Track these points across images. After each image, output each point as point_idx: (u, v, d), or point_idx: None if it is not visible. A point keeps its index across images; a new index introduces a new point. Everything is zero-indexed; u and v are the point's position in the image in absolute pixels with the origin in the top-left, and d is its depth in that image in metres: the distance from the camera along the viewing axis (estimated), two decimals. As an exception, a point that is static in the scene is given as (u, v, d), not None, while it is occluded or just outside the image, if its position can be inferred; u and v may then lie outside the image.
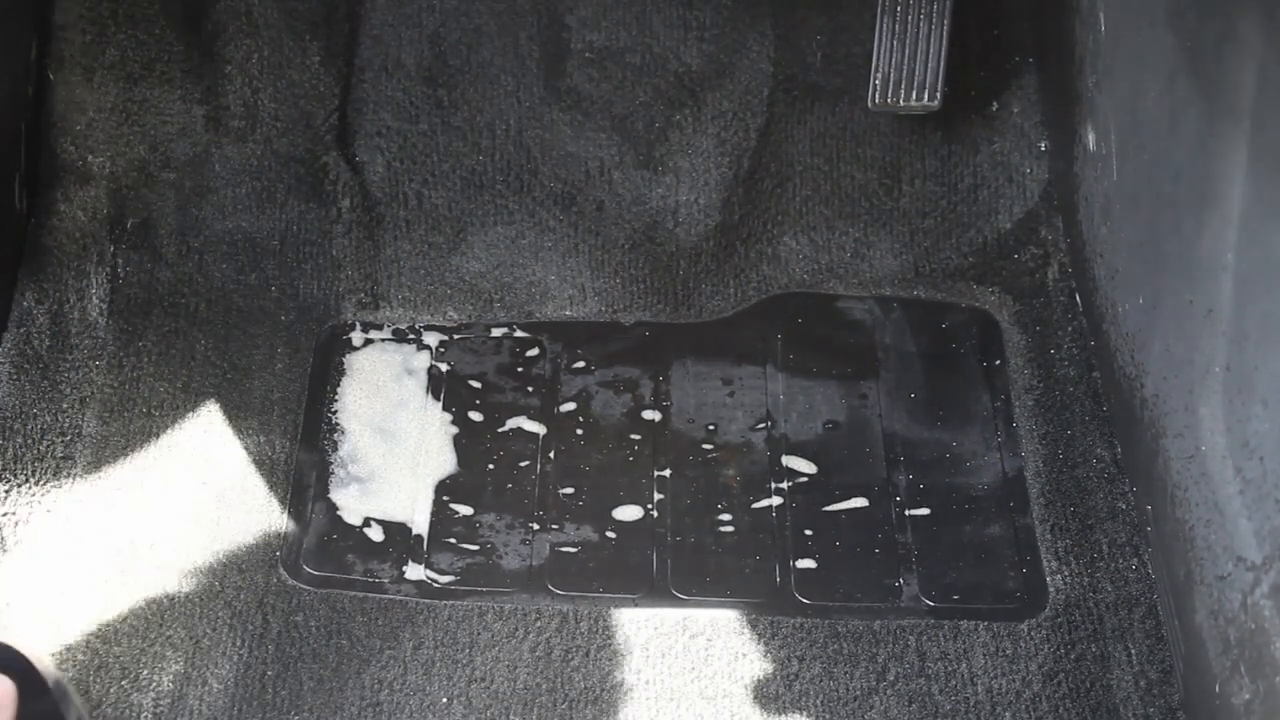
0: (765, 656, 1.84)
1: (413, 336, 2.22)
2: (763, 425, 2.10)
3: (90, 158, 2.32)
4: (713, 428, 2.10)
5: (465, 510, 2.01)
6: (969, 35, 2.38)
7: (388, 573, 1.94)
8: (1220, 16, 1.65)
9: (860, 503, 2.01)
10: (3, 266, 2.18)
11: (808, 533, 1.98)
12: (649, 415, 2.12)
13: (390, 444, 2.08)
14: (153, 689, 1.81)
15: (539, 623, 1.88)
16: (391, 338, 2.21)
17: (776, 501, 2.01)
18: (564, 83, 2.43)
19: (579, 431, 2.10)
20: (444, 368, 2.18)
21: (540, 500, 2.02)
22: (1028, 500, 2.00)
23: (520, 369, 2.18)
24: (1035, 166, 2.33)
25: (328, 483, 2.03)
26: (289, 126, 2.37)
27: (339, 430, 2.09)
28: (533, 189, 2.35)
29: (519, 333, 2.22)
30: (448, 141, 2.39)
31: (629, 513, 2.01)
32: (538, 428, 2.11)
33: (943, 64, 2.26)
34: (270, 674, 1.83)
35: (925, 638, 1.86)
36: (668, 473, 2.05)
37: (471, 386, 2.15)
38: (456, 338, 2.22)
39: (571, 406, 2.13)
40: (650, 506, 2.01)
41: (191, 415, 2.09)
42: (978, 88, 2.38)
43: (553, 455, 2.07)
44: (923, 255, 2.29)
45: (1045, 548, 1.94)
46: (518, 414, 2.12)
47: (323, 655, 1.85)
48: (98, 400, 2.09)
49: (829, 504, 2.01)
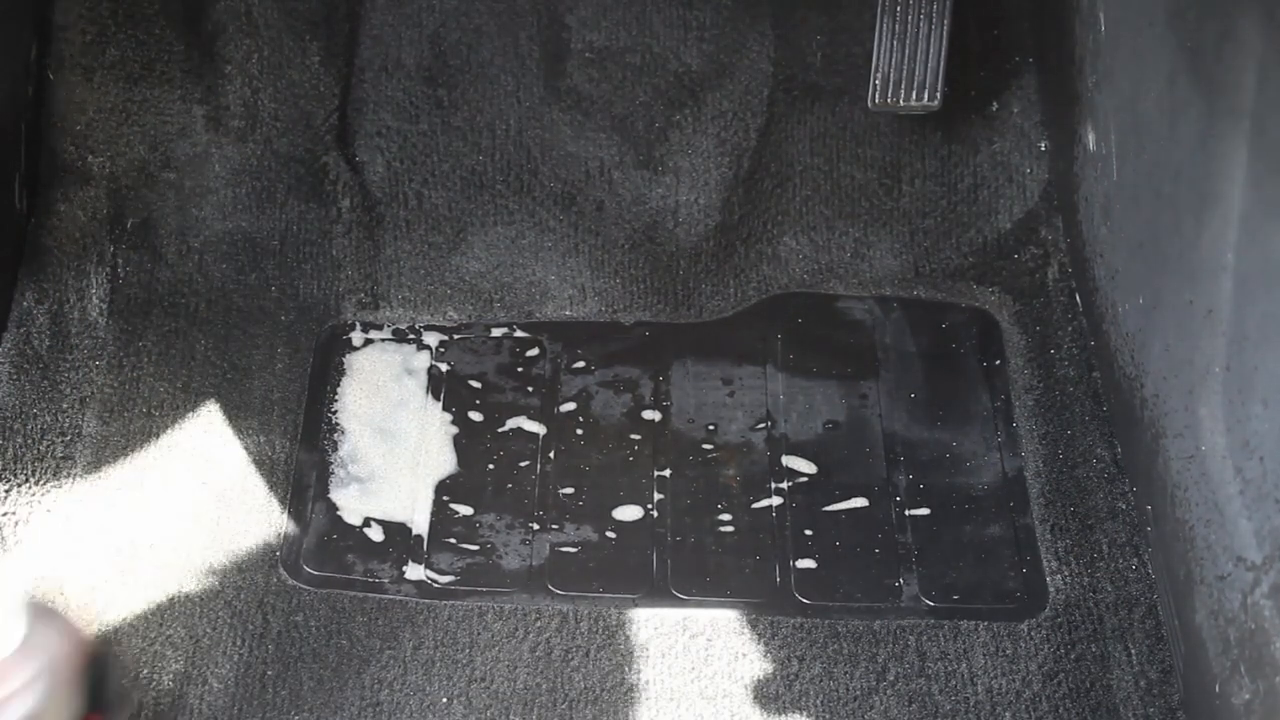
0: (765, 656, 1.84)
1: (413, 336, 2.22)
2: (763, 425, 2.10)
3: (90, 158, 2.32)
4: (713, 428, 2.10)
5: (465, 510, 2.01)
6: (969, 35, 2.38)
7: (388, 573, 1.94)
8: (1220, 16, 1.65)
9: (860, 503, 2.01)
10: (3, 266, 2.18)
11: (808, 533, 1.98)
12: (649, 415, 2.12)
13: (390, 444, 2.08)
14: (153, 688, 1.81)
15: (539, 623, 1.88)
16: (391, 338, 2.21)
17: (776, 501, 2.01)
18: (564, 83, 2.43)
19: (579, 431, 2.10)
20: (444, 368, 2.17)
21: (540, 500, 2.02)
22: (1028, 500, 2.00)
23: (520, 369, 2.18)
24: (1035, 166, 2.33)
25: (328, 483, 2.03)
26: (289, 126, 2.37)
27: (339, 430, 2.09)
28: (533, 189, 2.35)
29: (519, 333, 2.22)
30: (448, 141, 2.39)
31: (629, 513, 2.01)
32: (538, 428, 2.10)
33: (943, 64, 2.26)
34: (270, 674, 1.83)
35: (925, 638, 1.86)
36: (668, 473, 2.05)
37: (471, 386, 2.15)
38: (456, 338, 2.22)
39: (571, 406, 2.13)
40: (650, 506, 2.01)
41: (191, 415, 2.09)
42: (978, 88, 2.38)
43: (553, 455, 2.07)
44: (923, 255, 2.29)
45: (1045, 548, 1.94)
46: (518, 414, 2.12)
47: (323, 655, 1.85)
48: (98, 400, 2.09)
49: (829, 504, 2.01)
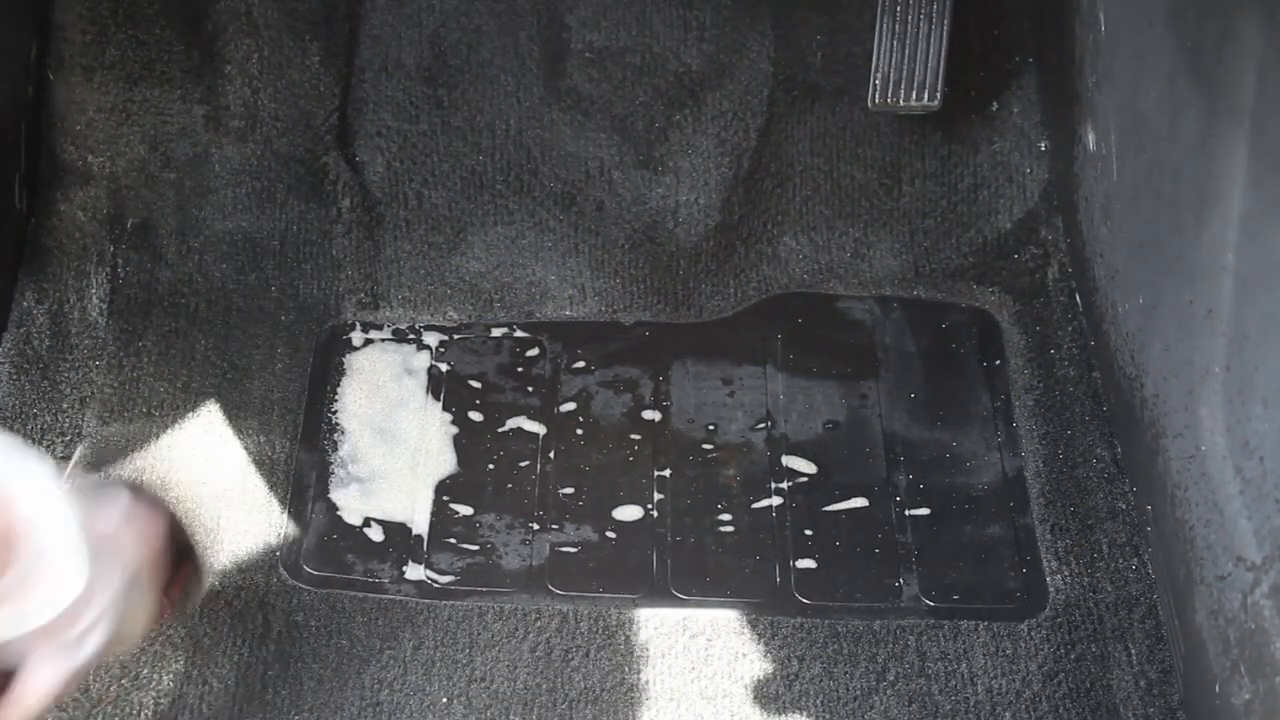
0: (765, 656, 1.84)
1: (413, 336, 2.21)
2: (763, 425, 2.10)
3: (90, 158, 2.32)
4: (713, 428, 2.10)
5: (465, 510, 2.01)
6: (969, 35, 2.38)
7: (388, 573, 1.94)
8: (1220, 16, 1.65)
9: (860, 503, 2.01)
10: (3, 266, 2.18)
11: (808, 533, 1.98)
12: (649, 415, 2.12)
13: (390, 444, 2.08)
14: (153, 687, 1.81)
15: (539, 623, 1.88)
16: (391, 338, 2.21)
17: (776, 501, 2.01)
18: (564, 83, 2.43)
19: (579, 431, 2.10)
20: (444, 368, 2.17)
21: (540, 500, 2.02)
22: (1028, 500, 1.99)
23: (520, 369, 2.18)
24: (1035, 166, 2.33)
25: (328, 483, 2.03)
26: (289, 126, 2.37)
27: (339, 430, 2.09)
28: (533, 189, 2.35)
29: (519, 333, 2.22)
30: (448, 141, 2.38)
31: (629, 513, 2.01)
32: (538, 428, 2.10)
33: (943, 64, 2.25)
34: (270, 673, 1.83)
35: (925, 638, 1.86)
36: (668, 473, 2.05)
37: (471, 386, 2.15)
38: (456, 338, 2.21)
39: (571, 406, 2.13)
40: (650, 506, 2.01)
41: (191, 415, 2.09)
42: (978, 88, 2.38)
43: (553, 455, 2.07)
44: (923, 255, 2.29)
45: (1045, 548, 1.94)
46: (518, 414, 2.12)
47: (323, 655, 1.85)
48: (98, 400, 2.09)
49: (829, 504, 2.01)
